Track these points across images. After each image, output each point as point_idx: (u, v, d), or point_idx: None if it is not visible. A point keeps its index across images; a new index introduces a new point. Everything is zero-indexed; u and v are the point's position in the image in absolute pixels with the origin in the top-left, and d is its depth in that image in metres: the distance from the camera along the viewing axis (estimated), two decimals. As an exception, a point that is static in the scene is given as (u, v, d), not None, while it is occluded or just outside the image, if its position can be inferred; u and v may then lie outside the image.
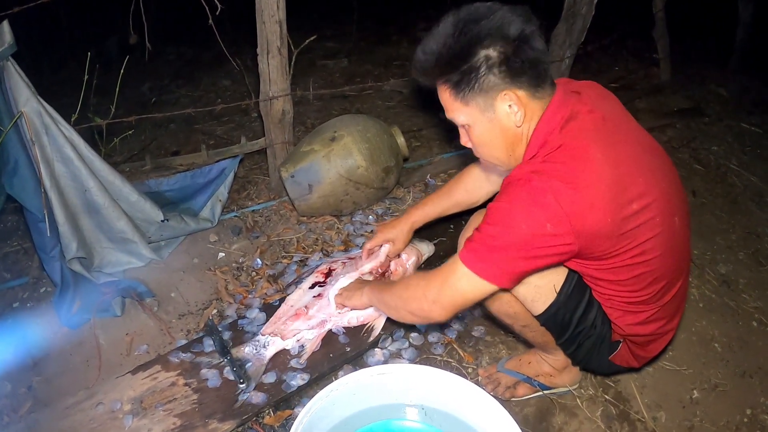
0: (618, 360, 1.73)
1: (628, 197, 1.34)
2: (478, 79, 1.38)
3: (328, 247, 2.64)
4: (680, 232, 1.49)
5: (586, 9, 3.24)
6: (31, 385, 2.02)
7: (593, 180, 1.30)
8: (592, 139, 1.36)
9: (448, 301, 1.48)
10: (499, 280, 1.39)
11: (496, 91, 1.39)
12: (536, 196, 1.30)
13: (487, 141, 1.51)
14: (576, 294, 1.58)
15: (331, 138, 2.63)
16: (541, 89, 1.41)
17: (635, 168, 1.37)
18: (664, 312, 1.58)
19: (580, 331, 1.64)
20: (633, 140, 1.45)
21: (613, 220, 1.32)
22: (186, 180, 2.73)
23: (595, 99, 1.48)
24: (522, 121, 1.42)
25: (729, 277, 2.62)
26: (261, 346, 1.97)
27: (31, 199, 2.10)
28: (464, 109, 1.46)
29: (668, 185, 1.45)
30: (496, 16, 1.35)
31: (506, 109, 1.41)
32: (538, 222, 1.29)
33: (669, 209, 1.43)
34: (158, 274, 2.44)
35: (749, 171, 3.56)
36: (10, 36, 1.87)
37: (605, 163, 1.32)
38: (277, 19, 2.39)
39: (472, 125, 1.49)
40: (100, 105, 2.99)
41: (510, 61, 1.35)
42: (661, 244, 1.42)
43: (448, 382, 1.46)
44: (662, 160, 1.51)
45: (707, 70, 5.05)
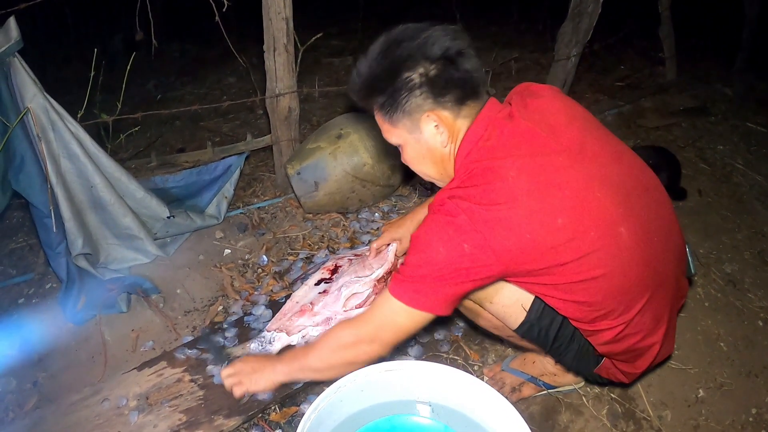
0: (604, 373, 1.68)
1: (550, 212, 1.28)
2: (401, 100, 1.38)
3: (334, 244, 2.64)
4: (633, 244, 1.37)
5: (593, 7, 3.23)
6: (37, 381, 2.02)
7: (507, 198, 1.27)
8: (508, 156, 1.33)
9: (388, 338, 1.47)
10: (433, 307, 1.38)
11: (420, 112, 1.39)
12: (450, 220, 1.29)
13: (417, 160, 1.53)
14: (549, 311, 1.53)
15: (337, 135, 2.63)
16: (467, 107, 1.41)
17: (561, 181, 1.31)
18: (636, 327, 1.47)
19: (559, 345, 1.61)
20: (564, 149, 1.36)
21: (533, 236, 1.27)
22: (192, 177, 2.74)
23: (531, 108, 1.43)
24: (447, 141, 1.43)
25: (735, 277, 2.61)
26: (267, 342, 1.97)
27: (37, 195, 2.11)
28: (393, 130, 1.47)
29: (608, 199, 1.35)
30: (420, 37, 1.35)
31: (432, 129, 1.42)
32: (454, 243, 1.28)
33: (610, 221, 1.33)
34: (164, 271, 2.45)
35: (755, 170, 3.54)
36: (17, 32, 1.87)
37: (520, 179, 1.29)
38: (284, 16, 2.39)
39: (402, 145, 1.51)
40: (105, 102, 2.99)
41: (432, 83, 1.36)
42: (601, 258, 1.33)
43: (456, 379, 1.45)
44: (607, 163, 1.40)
45: (713, 69, 5.04)
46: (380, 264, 2.15)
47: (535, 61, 4.97)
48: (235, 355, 1.94)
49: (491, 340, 2.17)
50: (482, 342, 2.17)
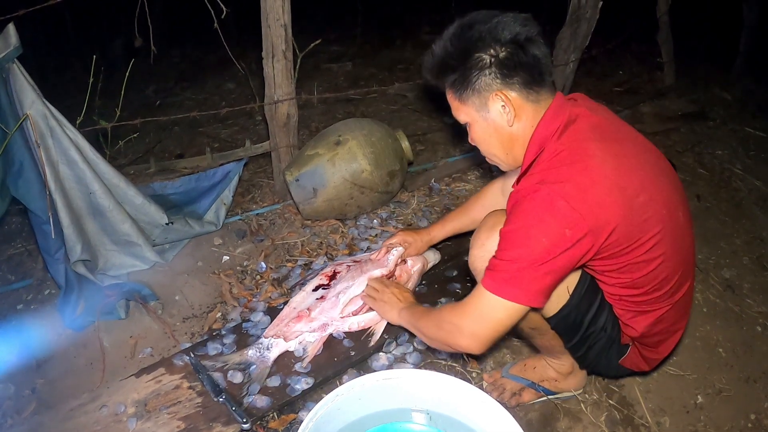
0: (628, 363, 1.74)
1: (634, 190, 1.36)
2: (472, 79, 1.47)
3: (333, 251, 2.64)
4: (685, 228, 1.52)
5: (591, 13, 3.25)
6: (35, 388, 2.02)
7: (598, 177, 1.33)
8: (590, 139, 1.40)
9: (487, 334, 1.47)
10: (533, 300, 1.40)
11: (489, 91, 1.47)
12: (548, 206, 1.32)
13: (484, 138, 1.58)
14: (588, 296, 1.59)
15: (336, 142, 2.64)
16: (535, 92, 1.47)
17: (636, 164, 1.41)
18: (675, 310, 1.59)
19: (590, 334, 1.64)
20: (630, 139, 1.49)
21: (623, 213, 1.34)
22: (191, 183, 2.74)
23: (590, 105, 1.53)
24: (513, 120, 1.48)
25: (733, 282, 2.61)
26: (264, 348, 1.98)
27: (35, 201, 2.10)
28: (462, 107, 1.55)
29: (667, 182, 1.48)
30: (492, 22, 1.43)
31: (499, 108, 1.48)
32: (556, 231, 1.32)
33: (672, 204, 1.46)
34: (162, 277, 2.45)
35: (753, 175, 3.55)
36: (16, 38, 1.88)
37: (606, 158, 1.36)
38: (282, 23, 2.40)
39: (471, 123, 1.58)
40: (105, 107, 3.00)
41: (501, 64, 1.43)
42: (668, 237, 1.44)
43: (454, 387, 1.46)
44: (659, 159, 1.53)
45: (712, 74, 5.05)
46: (378, 267, 2.16)
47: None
48: (234, 361, 1.94)
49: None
50: (480, 349, 2.16)
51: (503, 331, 1.47)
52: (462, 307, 1.51)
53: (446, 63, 1.51)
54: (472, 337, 1.48)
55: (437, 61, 1.53)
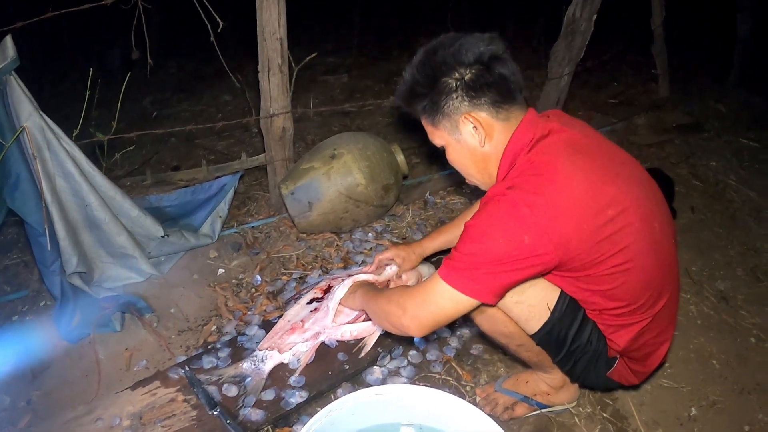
0: (616, 376, 1.74)
1: (603, 203, 1.37)
2: (441, 104, 1.51)
3: (328, 264, 2.65)
4: (662, 238, 1.52)
5: (585, 26, 3.26)
6: (31, 399, 2.02)
7: (565, 189, 1.35)
8: (561, 152, 1.42)
9: (427, 318, 1.49)
10: (482, 295, 1.41)
11: (458, 114, 1.50)
12: (511, 210, 1.34)
13: (459, 160, 1.62)
14: (570, 311, 1.60)
15: (331, 155, 2.65)
16: (504, 110, 1.50)
17: (608, 176, 1.41)
18: (656, 322, 1.59)
19: (576, 348, 1.65)
20: (603, 152, 1.49)
21: (589, 226, 1.36)
22: (186, 196, 2.75)
23: (564, 121, 1.54)
24: (485, 141, 1.52)
25: (727, 294, 2.62)
26: (259, 360, 1.98)
27: (32, 213, 2.11)
28: (436, 132, 1.59)
29: (643, 193, 1.49)
30: (456, 45, 1.46)
31: (470, 130, 1.52)
32: (515, 235, 1.33)
33: (647, 215, 1.46)
34: (158, 290, 2.45)
35: (747, 186, 3.56)
36: (13, 51, 1.89)
37: (575, 172, 1.37)
38: (278, 36, 2.42)
39: (446, 146, 1.62)
40: (101, 118, 3.00)
41: (468, 86, 1.46)
42: (642, 249, 1.44)
43: (446, 402, 1.46)
44: (635, 170, 1.54)
45: (706, 86, 5.08)
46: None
47: (529, 79, 4.99)
48: (230, 374, 1.94)
49: (484, 361, 2.18)
50: (474, 363, 2.17)
51: (445, 320, 1.50)
52: (412, 290, 1.55)
53: (415, 91, 1.54)
54: (413, 319, 1.51)
55: (407, 89, 1.57)
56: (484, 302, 1.44)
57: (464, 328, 2.28)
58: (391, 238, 2.82)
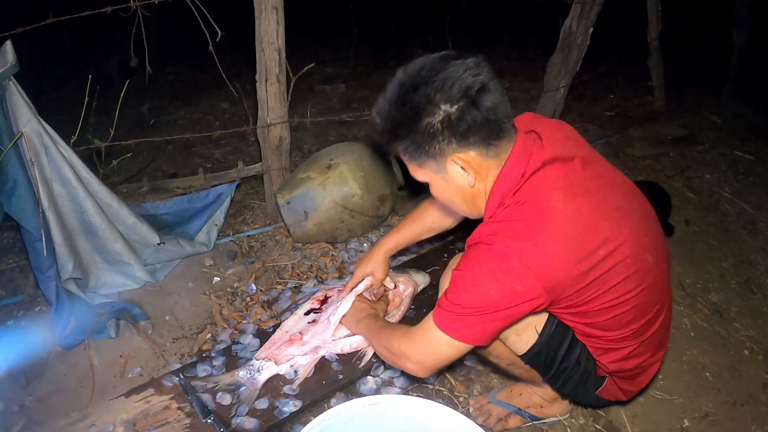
0: (605, 395, 1.74)
1: (594, 244, 1.33)
2: (425, 147, 1.36)
3: (323, 273, 2.66)
4: (655, 268, 1.48)
5: (582, 39, 3.29)
6: (24, 404, 2.02)
7: (554, 233, 1.30)
8: (551, 190, 1.35)
9: (432, 364, 1.50)
10: (478, 340, 1.42)
11: (445, 155, 1.37)
12: (500, 261, 1.30)
13: (446, 198, 1.53)
14: (558, 334, 1.60)
15: (327, 166, 2.66)
16: (494, 147, 1.38)
17: (599, 213, 1.36)
18: (646, 346, 1.58)
19: (565, 368, 1.65)
20: (598, 182, 1.43)
21: (579, 270, 1.32)
22: (183, 204, 2.75)
23: (558, 143, 1.44)
24: (475, 181, 1.42)
25: (721, 306, 2.63)
26: (255, 370, 1.98)
27: (28, 218, 2.12)
28: (420, 170, 1.47)
29: (638, 223, 1.44)
30: (438, 80, 1.30)
31: (459, 171, 1.40)
32: (506, 286, 1.30)
33: (640, 248, 1.42)
34: (153, 297, 2.45)
35: (742, 199, 3.59)
36: (13, 56, 1.90)
37: (565, 213, 1.31)
38: (276, 46, 2.43)
39: (430, 184, 1.50)
40: (99, 124, 3.01)
41: (454, 127, 1.32)
42: (634, 284, 1.42)
43: (438, 413, 1.47)
44: (632, 196, 1.50)
45: (702, 98, 5.12)
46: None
47: (525, 91, 5.02)
48: (225, 382, 1.95)
49: (477, 371, 2.19)
50: (468, 374, 2.17)
51: (448, 362, 1.50)
52: (411, 336, 1.53)
53: (395, 132, 1.39)
54: (418, 364, 1.51)
55: (385, 129, 1.40)
56: (481, 345, 1.45)
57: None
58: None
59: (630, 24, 4.73)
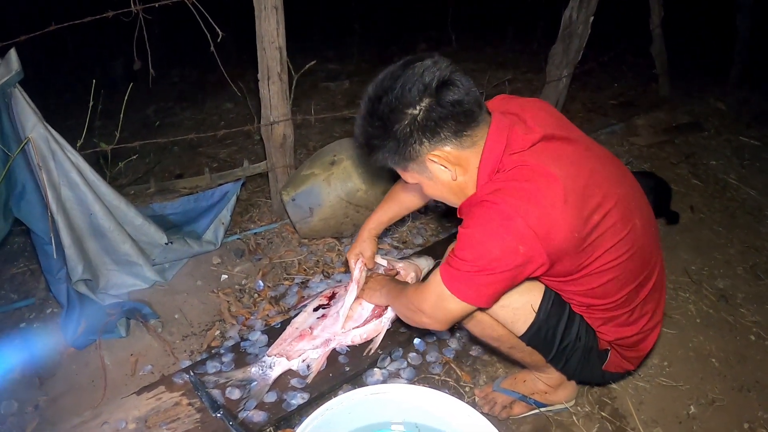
0: (612, 367, 1.77)
1: (589, 209, 1.39)
2: (401, 152, 1.44)
3: (329, 268, 2.67)
4: (643, 232, 1.53)
5: (582, 29, 3.29)
6: (38, 405, 2.05)
7: (556, 198, 1.34)
8: (547, 159, 1.40)
9: (442, 317, 1.54)
10: (480, 301, 1.46)
11: (422, 155, 1.44)
12: (504, 220, 1.34)
13: (438, 195, 1.60)
14: (555, 310, 1.63)
15: (330, 162, 2.67)
16: (468, 137, 1.43)
17: (592, 179, 1.42)
18: (643, 309, 1.63)
19: (566, 346, 1.67)
20: (584, 153, 1.49)
21: (579, 234, 1.37)
22: (189, 203, 2.78)
23: (544, 121, 1.50)
24: (457, 174, 1.47)
25: (727, 292, 2.63)
26: (267, 366, 2.00)
27: (38, 222, 2.15)
28: (406, 174, 1.55)
29: (625, 189, 1.51)
30: (397, 86, 1.36)
31: (439, 167, 1.47)
32: (510, 246, 1.34)
33: (628, 213, 1.48)
34: (162, 296, 2.48)
35: (748, 185, 3.57)
36: (18, 64, 1.92)
37: (564, 179, 1.36)
38: (277, 45, 2.45)
39: (421, 185, 1.58)
40: (105, 127, 3.04)
41: (423, 127, 1.38)
42: (625, 247, 1.47)
43: (439, 401, 1.49)
44: (614, 166, 1.56)
45: (706, 85, 5.09)
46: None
47: (528, 82, 5.02)
48: (237, 378, 1.97)
49: (483, 362, 2.20)
50: (473, 364, 2.19)
51: (458, 318, 1.56)
52: (423, 291, 1.58)
53: (371, 144, 1.47)
54: (431, 318, 1.57)
55: (363, 144, 1.50)
56: (483, 307, 1.49)
57: (464, 330, 2.30)
58: (392, 242, 2.84)
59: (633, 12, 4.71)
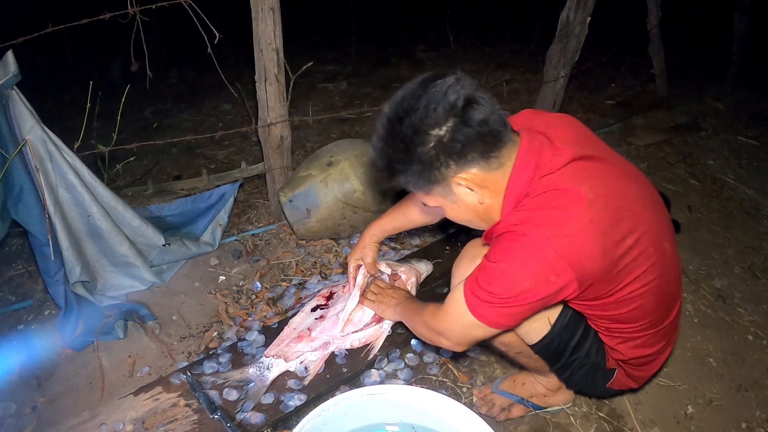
0: (616, 386, 1.75)
1: (621, 234, 1.33)
2: (425, 175, 1.36)
3: (327, 270, 2.67)
4: (672, 258, 1.50)
5: (579, 29, 3.29)
6: (36, 406, 2.05)
7: (585, 224, 1.29)
8: (576, 181, 1.33)
9: (464, 342, 1.54)
10: (507, 325, 1.45)
11: (447, 179, 1.36)
12: (534, 252, 1.29)
13: (460, 218, 1.53)
14: (571, 326, 1.60)
15: (328, 163, 2.67)
16: (495, 158, 1.35)
17: (623, 202, 1.37)
18: (662, 334, 1.60)
19: (574, 360, 1.66)
20: (615, 173, 1.43)
21: (610, 260, 1.32)
22: (187, 205, 2.78)
23: (571, 141, 1.43)
24: (484, 197, 1.40)
25: (724, 292, 2.63)
26: (265, 368, 2.00)
27: (35, 224, 2.14)
28: (428, 197, 1.46)
29: (653, 213, 1.45)
30: (420, 106, 1.29)
31: (465, 191, 1.39)
32: (541, 277, 1.30)
33: (659, 236, 1.43)
34: (160, 298, 2.48)
35: (745, 184, 3.57)
36: (15, 66, 1.92)
37: (594, 203, 1.31)
38: (274, 46, 2.45)
39: (444, 209, 1.51)
40: (103, 129, 3.03)
41: (448, 150, 1.30)
42: (657, 273, 1.42)
43: (435, 402, 1.49)
44: (644, 187, 1.50)
45: (704, 84, 5.09)
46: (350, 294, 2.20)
47: (526, 83, 5.02)
48: (234, 379, 1.97)
49: (480, 362, 2.20)
50: (471, 364, 2.19)
51: (480, 341, 1.53)
52: (444, 315, 1.54)
53: (393, 168, 1.39)
54: (452, 342, 1.55)
55: (384, 167, 1.42)
56: (510, 328, 1.49)
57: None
58: (389, 243, 2.84)
59: (630, 12, 4.71)
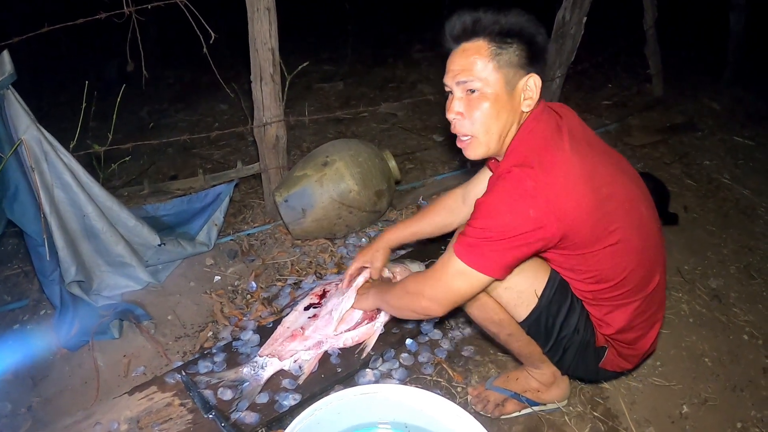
0: (609, 366, 1.80)
1: (599, 182, 1.46)
2: (517, 53, 1.51)
3: (322, 269, 2.68)
4: (649, 221, 1.62)
5: (575, 29, 3.30)
6: (31, 406, 2.05)
7: (567, 167, 1.43)
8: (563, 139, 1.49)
9: (444, 296, 1.57)
10: (492, 270, 1.48)
11: (525, 70, 1.53)
12: (517, 185, 1.41)
13: (491, 114, 1.55)
14: (557, 298, 1.65)
15: (323, 163, 2.68)
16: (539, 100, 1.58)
17: (599, 162, 1.52)
18: (648, 304, 1.67)
19: (564, 337, 1.70)
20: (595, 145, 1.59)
21: (588, 204, 1.43)
22: (182, 205, 2.78)
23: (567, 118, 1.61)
24: (531, 105, 1.56)
25: (720, 292, 2.63)
26: (259, 367, 2.00)
27: (31, 224, 2.14)
28: (493, 74, 1.52)
29: (628, 180, 1.59)
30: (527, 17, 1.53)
31: (528, 86, 1.54)
32: (520, 209, 1.40)
33: (634, 198, 1.57)
34: (155, 297, 2.48)
35: (741, 184, 3.59)
36: (11, 65, 1.92)
37: (575, 154, 1.46)
38: (270, 46, 2.45)
39: (484, 94, 1.53)
40: (99, 129, 3.03)
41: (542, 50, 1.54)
42: (634, 228, 1.54)
43: (427, 401, 1.48)
44: (624, 163, 1.66)
45: (700, 84, 5.11)
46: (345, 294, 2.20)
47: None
48: (229, 379, 1.97)
49: (475, 362, 2.20)
50: (465, 364, 2.19)
51: (461, 298, 1.58)
52: (426, 273, 1.62)
53: (502, 27, 1.52)
54: (431, 299, 1.59)
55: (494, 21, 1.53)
56: (496, 278, 1.51)
57: (456, 330, 2.31)
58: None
59: (627, 12, 4.72)
